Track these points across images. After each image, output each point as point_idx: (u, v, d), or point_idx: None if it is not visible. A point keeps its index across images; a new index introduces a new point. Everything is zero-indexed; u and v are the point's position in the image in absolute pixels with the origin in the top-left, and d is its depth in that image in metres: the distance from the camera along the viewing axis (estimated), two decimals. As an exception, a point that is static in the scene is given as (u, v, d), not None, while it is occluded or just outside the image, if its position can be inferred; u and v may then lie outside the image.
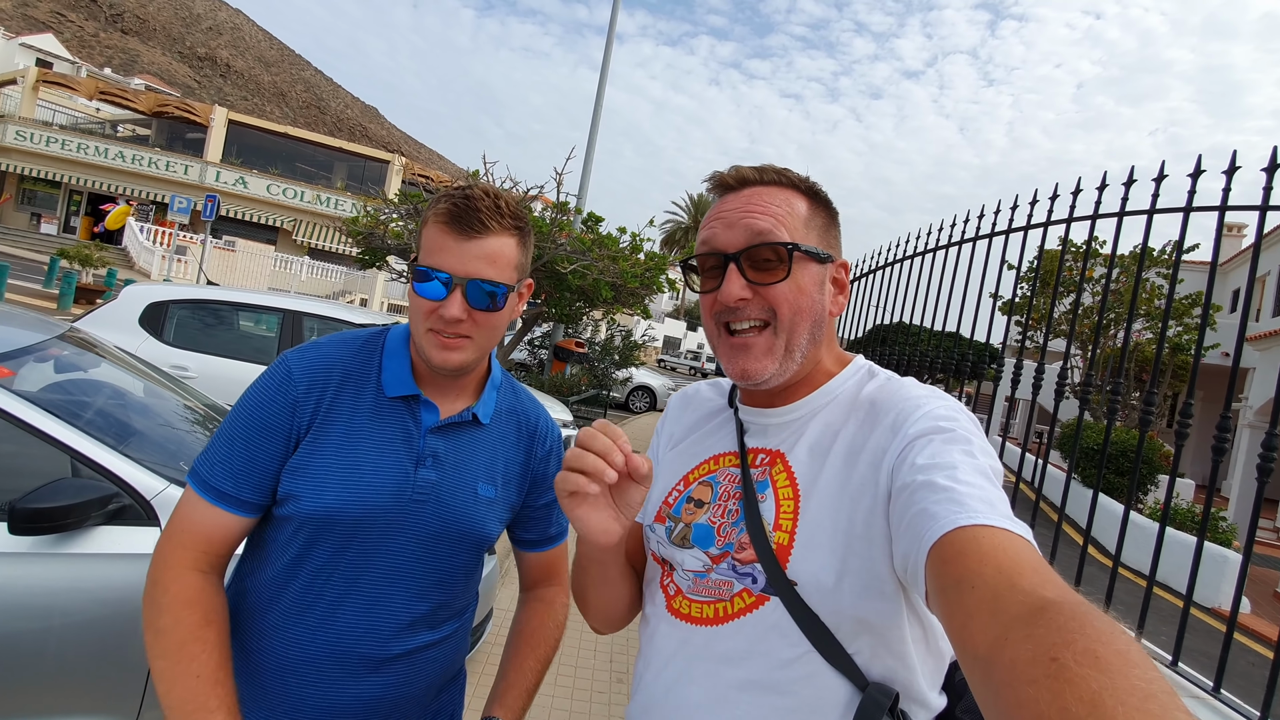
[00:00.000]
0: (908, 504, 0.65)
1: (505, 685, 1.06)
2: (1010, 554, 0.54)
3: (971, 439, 0.69)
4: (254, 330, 5.43)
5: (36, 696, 1.75)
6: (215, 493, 0.93)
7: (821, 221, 0.84)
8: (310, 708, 0.94)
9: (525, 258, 1.00)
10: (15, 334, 2.21)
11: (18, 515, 1.63)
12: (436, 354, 0.94)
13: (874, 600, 0.69)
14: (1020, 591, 0.50)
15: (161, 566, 0.92)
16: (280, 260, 22.35)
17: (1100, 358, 14.00)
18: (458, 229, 0.92)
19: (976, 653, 0.49)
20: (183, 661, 0.87)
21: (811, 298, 0.81)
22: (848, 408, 0.81)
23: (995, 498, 0.62)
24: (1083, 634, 0.43)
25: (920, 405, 0.74)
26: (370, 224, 8.51)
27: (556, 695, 3.00)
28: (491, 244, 0.93)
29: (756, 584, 0.75)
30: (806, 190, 0.84)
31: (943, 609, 0.55)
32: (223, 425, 0.97)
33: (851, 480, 0.74)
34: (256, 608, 0.97)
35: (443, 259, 0.92)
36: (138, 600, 1.76)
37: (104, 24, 69.99)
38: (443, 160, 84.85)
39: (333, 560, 0.95)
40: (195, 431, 2.48)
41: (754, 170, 0.85)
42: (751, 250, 0.79)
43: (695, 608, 0.79)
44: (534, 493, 1.12)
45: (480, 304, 0.93)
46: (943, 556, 0.57)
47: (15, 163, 24.13)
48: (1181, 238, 1.94)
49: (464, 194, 0.93)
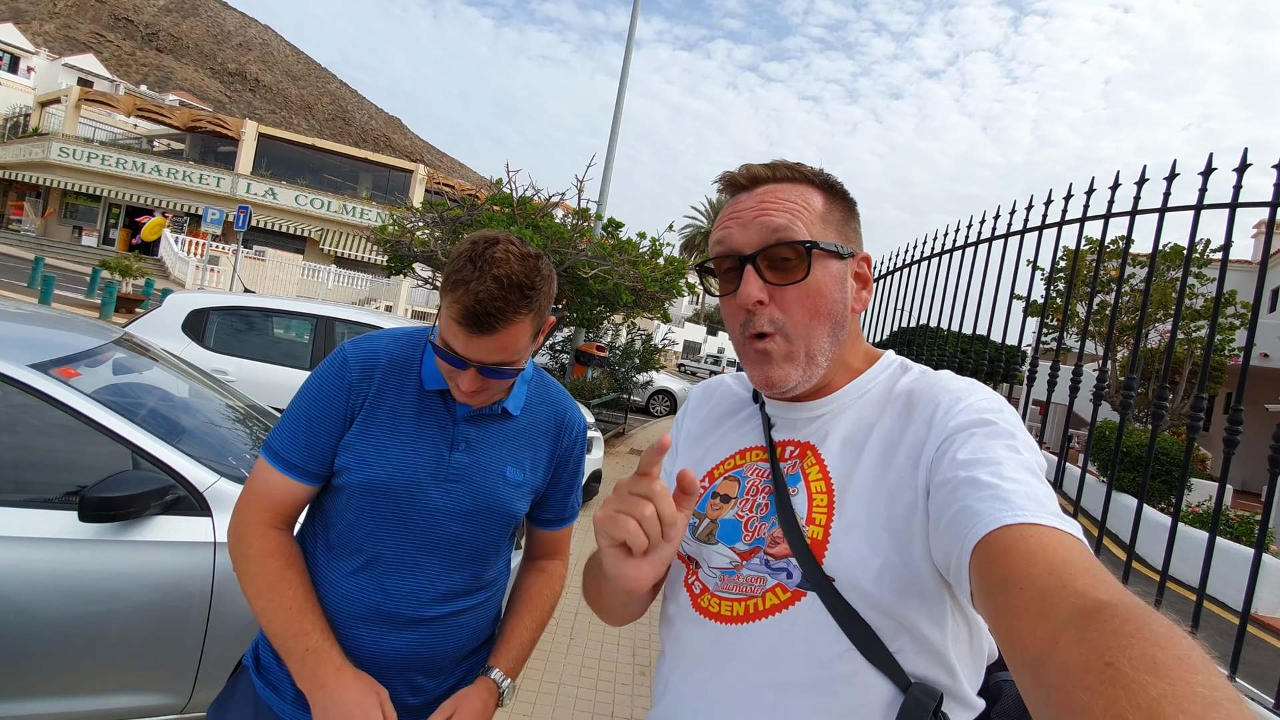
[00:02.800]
0: (949, 500, 0.62)
1: (503, 641, 1.18)
2: (1060, 553, 0.52)
3: (1015, 433, 0.67)
4: (289, 336, 5.63)
5: (99, 676, 1.88)
6: (285, 463, 1.06)
7: (839, 215, 0.81)
8: (357, 656, 1.06)
9: (542, 318, 1.04)
10: (76, 339, 2.36)
11: (87, 503, 1.76)
12: (459, 397, 1.06)
13: (914, 597, 0.67)
14: (1072, 592, 0.48)
15: (242, 525, 1.06)
16: (308, 269, 22.88)
17: (1128, 360, 13.70)
18: (470, 328, 0.96)
19: (1026, 656, 0.47)
20: (275, 599, 1.01)
21: (831, 297, 0.77)
22: (882, 401, 0.78)
23: (1043, 494, 0.60)
24: (1139, 637, 0.41)
25: (961, 398, 0.72)
26: (397, 232, 8.72)
27: (581, 687, 3.08)
28: (503, 337, 0.98)
29: (792, 579, 0.72)
30: (821, 184, 0.81)
31: (989, 610, 0.53)
32: (290, 404, 1.10)
33: (889, 474, 0.71)
34: (316, 565, 1.10)
35: (457, 345, 0.98)
36: (191, 586, 1.91)
37: (140, 43, 72.34)
38: (465, 169, 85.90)
39: (379, 529, 1.07)
40: (241, 430, 2.62)
41: (765, 167, 0.81)
42: (769, 250, 0.76)
43: (725, 605, 0.76)
44: (556, 477, 1.23)
45: (494, 378, 1.03)
46: (988, 556, 0.55)
47: (59, 178, 25.07)
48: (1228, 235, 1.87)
49: (475, 291, 0.94)
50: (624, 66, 11.20)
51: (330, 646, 1.01)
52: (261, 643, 1.14)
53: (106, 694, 1.89)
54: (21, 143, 26.85)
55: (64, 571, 1.81)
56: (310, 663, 0.99)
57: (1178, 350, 13.71)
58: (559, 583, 1.30)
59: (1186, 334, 13.93)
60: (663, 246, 9.07)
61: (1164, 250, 12.42)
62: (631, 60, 11.25)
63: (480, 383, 1.03)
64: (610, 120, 11.14)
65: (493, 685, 1.12)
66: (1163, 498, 10.20)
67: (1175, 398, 13.68)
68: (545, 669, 3.17)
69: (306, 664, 0.99)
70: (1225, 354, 13.64)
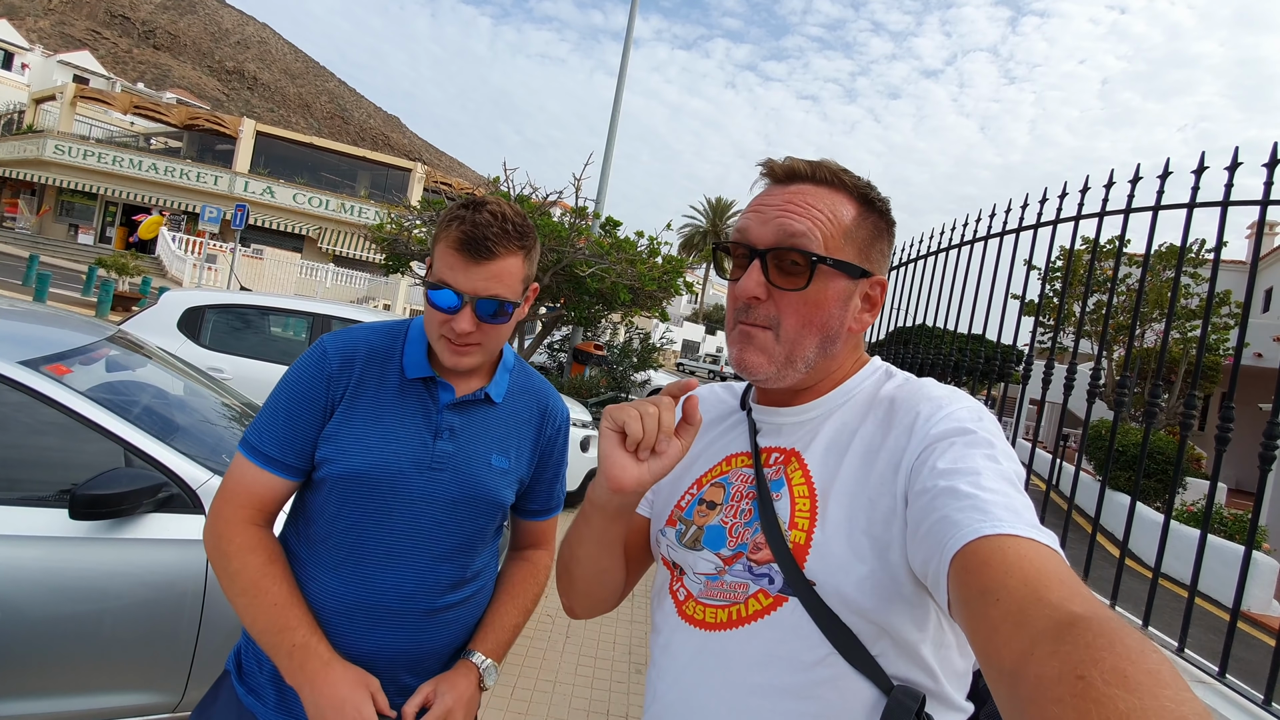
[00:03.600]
0: (928, 509, 0.63)
1: (485, 625, 1.17)
2: (1037, 565, 0.53)
3: (994, 442, 0.67)
4: (285, 334, 5.62)
5: (91, 674, 1.87)
6: (263, 457, 1.05)
7: (867, 234, 0.80)
8: (344, 654, 1.04)
9: (531, 268, 1.09)
10: (69, 335, 2.35)
11: (78, 501, 1.75)
12: (449, 359, 1.06)
13: (894, 601, 0.68)
14: (1047, 605, 0.49)
15: (221, 523, 1.04)
16: (306, 267, 22.83)
17: (1124, 359, 13.72)
18: (467, 254, 1.00)
19: (1002, 666, 0.48)
20: (259, 595, 0.99)
21: (827, 313, 0.77)
22: (865, 407, 0.79)
23: (1020, 505, 0.60)
24: (1111, 651, 0.41)
25: (941, 406, 0.72)
26: (395, 231, 8.71)
27: (577, 684, 3.08)
28: (499, 266, 1.01)
29: (774, 584, 0.73)
30: (859, 197, 0.80)
31: (966, 620, 0.54)
32: (269, 398, 1.08)
33: (869, 480, 0.72)
34: (299, 561, 1.08)
35: (454, 278, 1.01)
36: (184, 584, 1.90)
37: (137, 40, 72.10)
38: (463, 168, 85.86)
39: (363, 520, 1.05)
40: (235, 427, 2.62)
41: (808, 164, 0.80)
42: (778, 251, 0.77)
43: (709, 612, 0.77)
44: (541, 467, 1.23)
45: (489, 318, 1.03)
46: (966, 566, 0.56)
47: (55, 175, 24.98)
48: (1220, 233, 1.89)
49: (473, 219, 1.00)
50: (622, 65, 11.19)
51: (317, 641, 1.00)
52: (244, 648, 1.12)
53: (99, 693, 1.89)
54: (16, 140, 26.71)
55: (55, 570, 1.80)
56: (298, 659, 0.98)
57: (1172, 349, 13.74)
58: (544, 573, 1.29)
59: (1181, 333, 13.97)
60: (661, 246, 9.07)
61: (1159, 250, 12.43)
62: (630, 59, 11.25)
63: (475, 325, 1.01)
64: (608, 119, 11.14)
65: (472, 667, 1.11)
66: (1157, 496, 10.23)
67: (1170, 397, 13.72)
68: (541, 667, 3.17)
69: (294, 660, 0.98)
70: (1220, 353, 13.68)
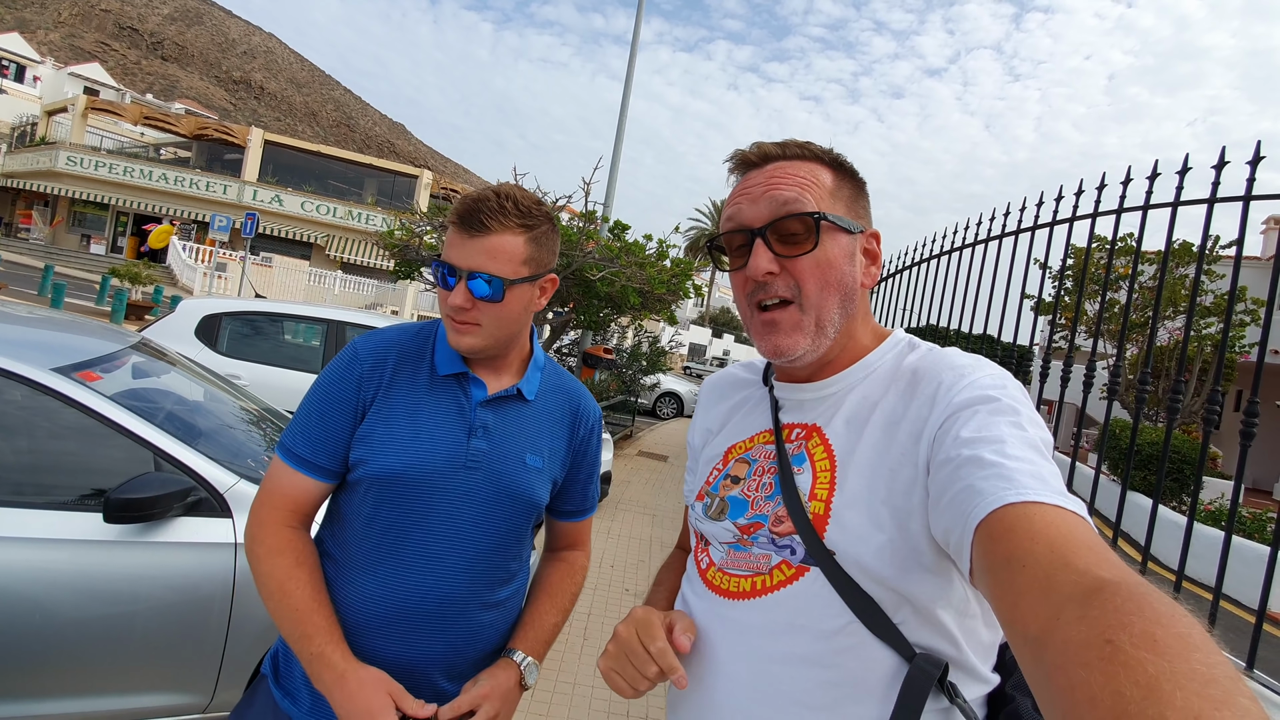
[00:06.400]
0: (952, 479, 0.62)
1: (524, 625, 1.17)
2: (1063, 531, 0.52)
3: (1019, 409, 0.66)
4: (300, 340, 5.67)
5: (123, 675, 1.89)
6: (297, 459, 1.05)
7: (848, 192, 0.82)
8: (380, 660, 1.03)
9: (538, 252, 1.06)
10: (96, 343, 2.39)
11: (112, 505, 1.78)
12: (451, 338, 1.07)
13: (914, 570, 0.67)
14: (1074, 570, 0.48)
15: (256, 524, 1.05)
16: (314, 275, 22.97)
17: (1136, 357, 13.63)
18: (463, 228, 1.02)
19: (1027, 633, 0.47)
20: (283, 599, 1.00)
21: (840, 270, 0.78)
22: (887, 379, 0.78)
23: (1047, 472, 0.59)
24: (1140, 615, 0.41)
25: (964, 374, 0.71)
26: (405, 237, 8.76)
27: (596, 686, 3.08)
28: (492, 241, 1.01)
29: (795, 555, 0.73)
30: (830, 161, 0.82)
31: (991, 588, 0.53)
32: (303, 401, 1.09)
33: (891, 450, 0.72)
34: (334, 564, 1.08)
35: (451, 254, 1.03)
36: (212, 587, 1.93)
37: (145, 52, 72.89)
38: (469, 174, 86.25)
39: (398, 521, 1.05)
40: (257, 432, 2.65)
41: (776, 145, 0.83)
42: (778, 223, 0.77)
43: (731, 581, 0.78)
44: (575, 468, 1.22)
45: (480, 293, 1.02)
46: (991, 534, 0.55)
47: (67, 186, 25.26)
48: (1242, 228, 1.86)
49: (474, 196, 1.03)
50: (629, 69, 11.23)
51: (332, 650, 0.99)
52: (280, 650, 1.12)
53: (129, 693, 1.91)
54: (29, 151, 27.04)
55: (88, 573, 1.83)
56: (315, 669, 0.98)
57: (1190, 348, 13.60)
58: (581, 574, 1.28)
59: (1196, 331, 13.85)
60: (669, 248, 9.09)
61: (1174, 248, 12.28)
62: (636, 62, 11.29)
63: (470, 301, 1.01)
64: (614, 122, 11.17)
65: (513, 665, 1.10)
66: (1174, 495, 10.14)
67: (1187, 395, 13.59)
68: (560, 669, 3.18)
69: (313, 669, 0.98)
70: (1236, 351, 13.54)
